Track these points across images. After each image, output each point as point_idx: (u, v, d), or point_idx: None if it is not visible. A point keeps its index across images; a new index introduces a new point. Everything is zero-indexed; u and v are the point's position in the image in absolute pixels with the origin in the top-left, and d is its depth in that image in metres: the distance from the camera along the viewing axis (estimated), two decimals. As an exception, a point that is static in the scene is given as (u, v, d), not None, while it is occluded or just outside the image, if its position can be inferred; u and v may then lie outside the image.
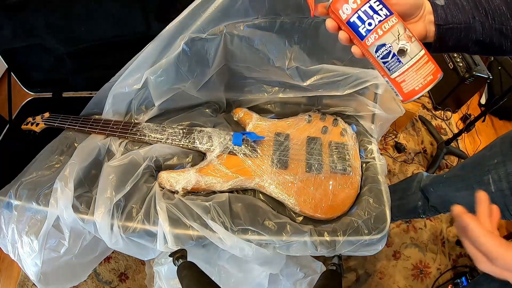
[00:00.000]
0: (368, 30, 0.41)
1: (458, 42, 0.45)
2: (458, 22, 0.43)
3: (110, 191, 0.73)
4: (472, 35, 0.44)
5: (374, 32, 0.41)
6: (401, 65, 0.41)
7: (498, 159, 0.65)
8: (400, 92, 0.43)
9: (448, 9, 0.44)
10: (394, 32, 0.41)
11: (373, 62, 0.44)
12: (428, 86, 0.42)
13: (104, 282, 1.18)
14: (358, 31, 0.42)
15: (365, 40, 0.42)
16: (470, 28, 0.43)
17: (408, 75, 0.42)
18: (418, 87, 0.42)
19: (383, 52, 0.42)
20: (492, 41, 0.44)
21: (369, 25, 0.41)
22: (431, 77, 0.42)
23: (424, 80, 0.42)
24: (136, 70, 0.82)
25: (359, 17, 0.41)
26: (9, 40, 0.93)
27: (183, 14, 0.74)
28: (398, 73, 0.42)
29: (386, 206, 0.77)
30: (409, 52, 0.41)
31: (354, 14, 0.41)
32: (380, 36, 0.41)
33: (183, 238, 0.73)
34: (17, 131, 0.99)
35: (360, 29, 0.42)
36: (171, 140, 0.85)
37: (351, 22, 0.42)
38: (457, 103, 1.64)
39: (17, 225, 0.76)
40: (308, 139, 0.88)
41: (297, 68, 0.84)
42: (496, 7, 0.43)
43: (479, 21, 0.43)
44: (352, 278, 1.20)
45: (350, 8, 0.41)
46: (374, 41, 0.41)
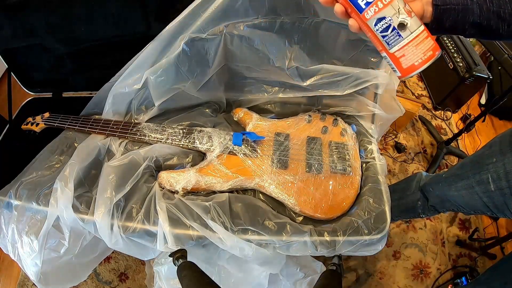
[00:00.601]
0: (368, 3, 0.40)
1: (455, 24, 0.44)
2: (456, 3, 0.43)
3: (110, 191, 0.73)
4: (470, 17, 0.43)
5: (374, 5, 0.40)
6: (401, 39, 0.41)
7: (497, 157, 0.65)
8: (398, 67, 0.43)
9: None
10: (394, 6, 0.40)
11: (371, 36, 0.43)
12: (427, 62, 0.41)
13: (104, 282, 1.18)
14: (357, 4, 0.41)
15: (364, 13, 0.41)
16: (467, 10, 0.43)
17: (407, 49, 0.41)
18: (418, 62, 0.41)
19: (382, 26, 0.41)
20: (489, 24, 0.43)
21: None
22: (431, 53, 0.41)
23: (424, 55, 0.41)
24: (136, 70, 0.82)
25: None
26: (9, 40, 0.93)
27: (183, 14, 0.74)
28: (397, 48, 0.41)
29: (386, 206, 0.77)
30: (409, 26, 0.40)
31: None
32: (380, 9, 0.40)
33: (183, 238, 0.73)
34: (17, 131, 0.99)
35: (360, 1, 0.41)
36: (171, 140, 0.85)
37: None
38: (457, 103, 1.64)
39: (17, 225, 0.76)
40: (308, 139, 0.88)
41: (297, 68, 0.84)
42: None
43: (476, 3, 0.43)
44: (352, 278, 1.20)
45: None
46: (374, 14, 0.41)
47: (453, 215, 1.36)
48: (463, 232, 1.33)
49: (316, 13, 0.77)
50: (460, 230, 1.33)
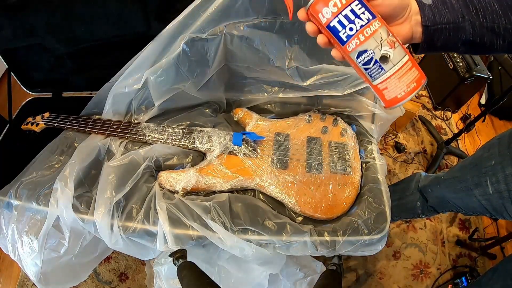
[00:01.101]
0: (349, 36, 0.39)
1: (446, 43, 0.43)
2: (447, 22, 0.42)
3: (110, 191, 0.73)
4: (462, 35, 0.42)
5: (355, 38, 0.39)
6: (383, 72, 0.39)
7: (495, 160, 0.65)
8: (382, 99, 0.42)
9: (436, 9, 0.42)
10: (376, 38, 0.39)
11: (354, 67, 0.42)
12: (411, 94, 0.40)
13: (104, 282, 1.18)
14: (338, 36, 0.40)
15: (346, 45, 0.40)
16: (459, 28, 0.42)
17: (390, 82, 0.40)
18: (401, 95, 0.40)
19: (364, 59, 0.39)
20: (482, 40, 0.42)
21: (350, 30, 0.39)
22: (415, 84, 0.40)
23: (407, 87, 0.40)
24: (136, 70, 0.82)
25: (339, 22, 0.39)
26: (9, 40, 0.93)
27: (183, 14, 0.74)
28: (380, 80, 0.40)
29: (386, 206, 0.77)
30: (391, 59, 0.39)
31: (335, 18, 0.39)
32: (362, 42, 0.39)
33: (183, 238, 0.73)
34: (17, 131, 0.99)
35: (341, 34, 0.39)
36: (171, 140, 0.85)
37: (331, 26, 0.40)
38: (457, 103, 1.64)
39: (17, 225, 0.76)
40: (308, 139, 0.88)
41: (297, 68, 0.84)
42: (487, 4, 0.41)
43: (468, 21, 0.41)
44: (352, 278, 1.20)
45: (330, 12, 0.39)
46: (356, 47, 0.39)
47: (453, 215, 1.36)
48: (463, 232, 1.33)
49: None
50: (460, 230, 1.33)
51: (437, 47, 0.44)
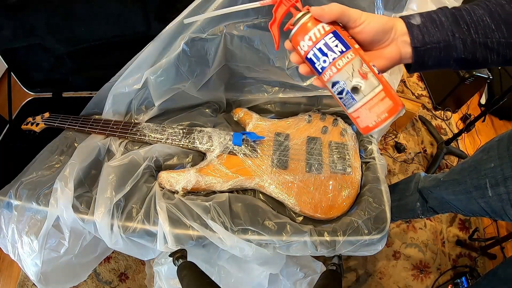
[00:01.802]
0: (323, 67, 0.41)
1: (438, 61, 0.42)
2: (437, 41, 0.40)
3: (110, 191, 0.73)
4: (453, 53, 0.41)
5: (328, 69, 0.40)
6: (355, 102, 0.40)
7: (495, 163, 0.64)
8: (357, 125, 0.43)
9: (424, 28, 0.41)
10: (348, 70, 0.40)
11: (332, 95, 0.43)
12: (382, 123, 0.40)
13: (104, 282, 1.18)
14: (315, 67, 0.42)
15: (322, 75, 0.42)
16: (450, 47, 0.40)
17: (362, 112, 0.41)
18: (372, 124, 0.41)
19: (338, 89, 0.41)
20: (475, 56, 0.40)
21: (324, 62, 0.40)
22: (386, 115, 0.40)
23: (377, 117, 0.40)
24: (136, 70, 0.82)
25: (314, 54, 0.41)
26: (9, 40, 0.93)
27: (183, 14, 0.74)
28: (353, 109, 0.41)
29: (386, 206, 0.77)
30: (362, 90, 0.40)
31: (310, 51, 0.41)
32: (334, 73, 0.40)
33: (183, 238, 0.73)
34: (17, 131, 0.99)
35: (316, 65, 0.41)
36: (171, 140, 0.85)
37: (308, 58, 0.42)
38: (457, 103, 1.64)
39: (17, 225, 0.76)
40: (308, 139, 0.88)
41: (297, 68, 0.84)
42: (479, 19, 0.39)
43: (459, 38, 0.40)
44: (352, 278, 1.20)
45: (306, 45, 0.41)
46: (329, 78, 0.41)
47: (453, 215, 1.36)
48: (463, 232, 1.33)
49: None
50: (460, 230, 1.33)
51: (429, 66, 0.43)
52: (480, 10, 0.40)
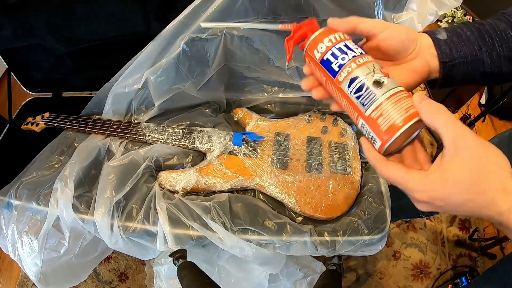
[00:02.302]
0: (341, 65, 0.38)
1: (465, 77, 0.41)
2: (464, 56, 0.39)
3: (110, 191, 0.73)
4: (480, 68, 0.40)
5: (347, 66, 0.38)
6: (377, 97, 0.35)
7: None
8: (377, 132, 0.36)
9: (452, 43, 0.40)
10: (369, 66, 0.37)
11: (346, 102, 0.39)
12: (412, 119, 0.34)
13: (104, 282, 1.18)
14: (331, 68, 0.39)
15: (337, 76, 0.38)
16: (477, 61, 0.40)
17: (386, 107, 0.35)
18: (400, 120, 0.34)
19: (356, 85, 0.37)
20: (501, 70, 0.40)
21: (343, 59, 0.38)
22: (414, 110, 0.34)
23: (406, 112, 0.34)
24: (136, 70, 0.82)
25: (332, 54, 0.39)
26: (9, 40, 0.93)
27: (183, 14, 0.74)
28: (374, 107, 0.35)
29: (386, 206, 0.77)
30: (386, 84, 0.36)
31: (328, 51, 0.39)
32: (354, 69, 0.37)
33: (183, 238, 0.73)
34: (17, 131, 0.99)
35: (333, 65, 0.39)
36: (171, 140, 0.85)
37: (324, 60, 0.39)
38: (457, 103, 1.64)
39: (17, 225, 0.76)
40: (308, 139, 0.88)
41: (297, 68, 0.84)
42: (503, 33, 0.39)
43: (486, 52, 0.39)
44: (352, 278, 1.20)
45: (324, 47, 0.39)
46: (347, 75, 0.37)
47: (453, 215, 1.36)
48: (463, 232, 1.33)
49: (316, 13, 0.77)
50: (460, 230, 1.33)
51: (456, 81, 0.42)
52: (503, 24, 0.40)
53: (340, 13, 0.75)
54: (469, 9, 1.82)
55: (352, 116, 0.40)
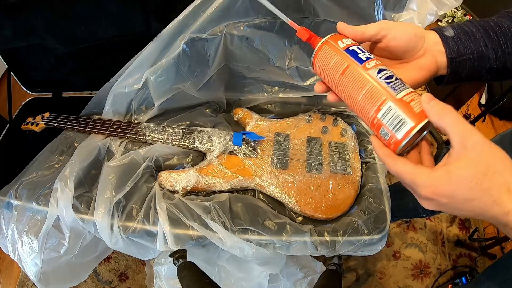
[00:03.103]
0: (368, 57, 0.40)
1: (471, 73, 0.42)
2: (471, 52, 0.41)
3: (110, 191, 0.73)
4: (486, 64, 0.41)
5: (374, 60, 0.40)
6: (407, 86, 0.38)
7: None
8: (410, 114, 0.36)
9: (459, 40, 0.41)
10: None
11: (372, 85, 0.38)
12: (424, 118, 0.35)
13: (104, 282, 1.18)
14: (357, 57, 0.40)
15: (365, 63, 0.39)
16: (483, 57, 0.41)
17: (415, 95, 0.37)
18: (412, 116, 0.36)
19: (385, 74, 0.38)
20: (506, 66, 0.41)
21: (369, 54, 0.40)
22: None
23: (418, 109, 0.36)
24: (136, 70, 0.82)
25: (358, 47, 0.41)
26: (9, 40, 0.93)
27: (183, 14, 0.74)
28: (405, 92, 0.36)
29: (386, 206, 0.77)
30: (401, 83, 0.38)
31: (354, 45, 0.41)
32: (381, 63, 0.39)
33: (183, 238, 0.73)
34: (17, 131, 0.99)
35: (360, 55, 0.40)
36: (171, 140, 0.85)
37: (350, 50, 0.40)
38: (457, 103, 1.64)
39: (17, 225, 0.76)
40: (308, 139, 0.88)
41: (297, 68, 0.84)
42: (507, 30, 0.40)
43: (492, 48, 0.40)
44: (352, 278, 1.20)
45: (349, 41, 0.41)
46: (375, 65, 0.39)
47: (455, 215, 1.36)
48: (463, 232, 1.33)
49: (316, 13, 0.77)
50: (460, 230, 1.33)
51: (462, 77, 0.43)
52: (507, 21, 0.41)
53: (340, 13, 0.75)
54: (469, 9, 1.82)
55: (376, 100, 0.38)
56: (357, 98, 0.39)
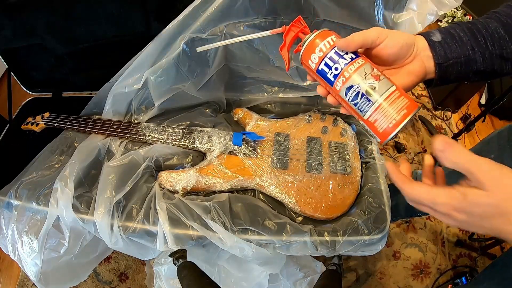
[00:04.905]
0: (336, 75, 0.41)
1: (459, 75, 0.43)
2: (458, 56, 0.41)
3: (110, 191, 0.73)
4: (473, 67, 0.42)
5: (341, 76, 0.41)
6: (371, 104, 0.40)
7: (495, 154, 0.65)
8: (375, 132, 0.41)
9: (446, 45, 0.42)
10: (360, 73, 0.40)
11: (347, 106, 0.43)
12: (402, 122, 0.39)
13: (104, 282, 1.18)
14: (327, 78, 0.42)
15: (334, 85, 0.42)
16: (470, 61, 0.42)
17: (379, 113, 0.40)
18: (392, 124, 0.39)
19: (352, 94, 0.41)
20: (493, 68, 0.42)
21: (336, 69, 0.41)
22: (405, 111, 0.39)
23: (397, 115, 0.39)
24: (136, 70, 0.82)
25: (326, 64, 0.41)
26: (9, 40, 0.93)
27: (183, 14, 0.74)
28: (370, 113, 0.40)
29: (386, 206, 0.77)
30: (378, 90, 0.40)
31: (321, 62, 0.42)
32: (347, 78, 0.40)
33: (183, 238, 0.73)
34: (17, 131, 0.99)
35: (328, 75, 0.42)
36: (171, 140, 0.85)
37: (319, 70, 0.42)
38: (457, 103, 1.64)
39: (17, 225, 0.76)
40: (308, 139, 0.88)
41: (297, 68, 0.84)
42: (494, 32, 0.41)
43: (478, 52, 0.41)
44: (352, 278, 1.20)
45: (317, 57, 0.42)
46: (342, 84, 0.41)
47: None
48: (463, 232, 1.33)
49: (316, 13, 0.77)
50: (460, 230, 1.33)
51: (450, 80, 0.44)
52: (494, 23, 0.41)
53: (340, 13, 0.75)
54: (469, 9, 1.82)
55: (354, 115, 0.43)
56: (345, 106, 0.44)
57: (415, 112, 0.39)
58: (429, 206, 0.36)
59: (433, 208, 0.36)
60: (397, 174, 0.38)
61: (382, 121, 0.40)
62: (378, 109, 0.40)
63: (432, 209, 0.36)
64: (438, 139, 0.35)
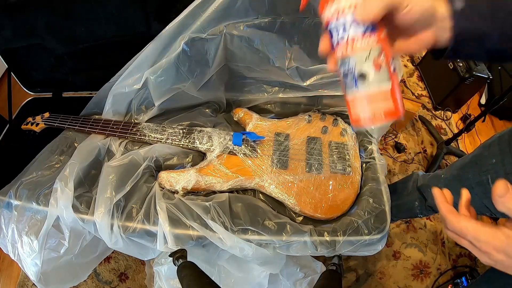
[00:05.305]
0: (338, 42, 0.37)
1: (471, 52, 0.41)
2: (476, 29, 0.39)
3: (110, 191, 0.73)
4: (487, 44, 0.40)
5: (342, 47, 0.37)
6: (356, 90, 0.36)
7: (496, 158, 0.65)
8: (349, 114, 0.39)
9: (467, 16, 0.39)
10: (362, 54, 0.36)
11: (338, 75, 0.39)
12: (375, 123, 0.36)
13: (104, 282, 1.18)
14: (332, 40, 0.38)
15: (335, 49, 0.38)
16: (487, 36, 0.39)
17: (359, 102, 0.37)
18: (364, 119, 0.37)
19: (345, 70, 0.37)
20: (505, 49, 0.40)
21: (341, 39, 0.36)
22: (382, 116, 0.36)
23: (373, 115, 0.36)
24: (136, 70, 0.82)
25: (335, 26, 0.37)
26: (9, 40, 0.93)
27: (183, 14, 0.74)
28: (351, 96, 0.37)
29: (386, 206, 0.77)
30: (369, 80, 0.35)
31: (332, 22, 0.37)
32: (347, 53, 0.36)
33: (183, 238, 0.73)
34: (17, 131, 0.99)
35: (334, 38, 0.37)
36: (171, 140, 0.85)
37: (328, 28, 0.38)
38: (457, 103, 1.64)
39: (17, 225, 0.76)
40: (308, 139, 0.88)
41: (297, 68, 0.84)
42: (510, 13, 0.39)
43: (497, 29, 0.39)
44: (352, 278, 1.20)
45: (330, 13, 0.36)
46: (341, 56, 0.37)
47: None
48: (463, 232, 1.33)
49: (316, 13, 0.77)
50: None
51: (461, 55, 0.42)
52: None
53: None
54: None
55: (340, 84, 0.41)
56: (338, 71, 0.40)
57: (392, 121, 0.37)
58: (470, 241, 0.37)
59: (473, 244, 0.37)
60: (444, 204, 0.39)
61: (358, 110, 0.37)
62: (360, 98, 0.37)
63: (471, 244, 0.37)
64: (501, 185, 0.35)
